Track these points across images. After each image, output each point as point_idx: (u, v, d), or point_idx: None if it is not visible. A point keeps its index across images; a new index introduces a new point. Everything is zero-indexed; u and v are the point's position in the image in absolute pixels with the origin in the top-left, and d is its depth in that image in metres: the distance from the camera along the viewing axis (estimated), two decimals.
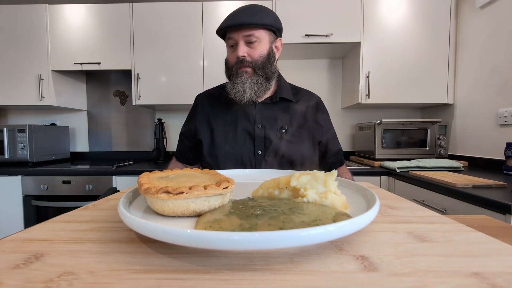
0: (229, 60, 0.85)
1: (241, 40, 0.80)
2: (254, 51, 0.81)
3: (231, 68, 0.84)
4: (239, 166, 0.85)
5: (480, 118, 1.59)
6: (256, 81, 0.82)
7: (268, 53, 0.84)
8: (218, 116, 0.90)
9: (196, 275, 0.22)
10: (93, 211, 0.40)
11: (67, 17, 1.88)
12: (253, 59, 0.81)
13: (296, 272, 0.22)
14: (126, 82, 2.22)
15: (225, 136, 0.87)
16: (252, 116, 0.88)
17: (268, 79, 0.85)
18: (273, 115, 0.88)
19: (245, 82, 0.81)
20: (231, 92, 0.84)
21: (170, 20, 1.85)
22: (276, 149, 0.85)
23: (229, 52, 0.86)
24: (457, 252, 0.25)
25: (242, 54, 0.80)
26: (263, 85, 0.84)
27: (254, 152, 0.86)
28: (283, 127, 0.87)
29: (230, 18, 0.80)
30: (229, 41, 0.83)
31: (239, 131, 0.87)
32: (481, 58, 1.59)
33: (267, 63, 0.83)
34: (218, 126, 0.89)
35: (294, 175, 0.38)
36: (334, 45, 1.85)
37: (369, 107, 2.10)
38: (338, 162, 0.97)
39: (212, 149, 0.88)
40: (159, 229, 0.23)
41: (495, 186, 1.05)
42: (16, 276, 0.21)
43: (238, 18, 0.78)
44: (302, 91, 0.98)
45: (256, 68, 0.82)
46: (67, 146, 2.18)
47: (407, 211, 0.39)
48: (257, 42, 0.81)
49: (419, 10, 1.75)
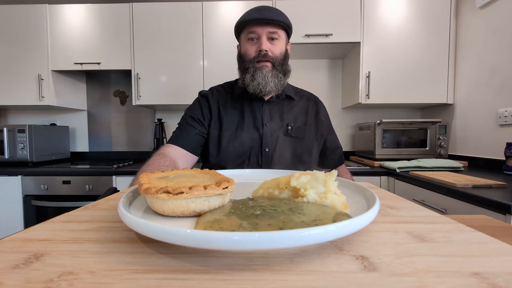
0: (247, 53, 0.86)
1: (265, 35, 0.83)
2: (275, 48, 0.85)
3: (249, 61, 0.85)
4: (246, 163, 0.86)
5: (480, 118, 1.59)
6: (276, 75, 0.85)
7: (285, 52, 0.89)
8: (227, 112, 0.91)
9: (196, 275, 0.22)
10: (93, 211, 0.40)
11: (67, 17, 1.88)
12: (274, 54, 0.84)
13: (296, 272, 0.22)
14: (126, 82, 2.22)
15: (234, 133, 0.88)
16: (260, 113, 0.90)
17: (285, 75, 0.88)
18: (278, 112, 0.91)
19: (266, 76, 0.83)
20: (250, 84, 0.85)
21: (170, 20, 1.85)
22: (283, 146, 0.87)
23: (247, 45, 0.86)
24: (457, 252, 0.25)
25: (266, 48, 0.83)
26: (282, 80, 0.87)
27: (262, 149, 0.87)
28: (289, 124, 0.89)
29: (257, 12, 0.82)
30: (251, 34, 0.84)
31: (247, 129, 0.88)
32: (481, 58, 1.59)
33: (284, 61, 0.88)
34: (227, 122, 0.89)
35: (294, 175, 0.38)
36: (334, 45, 1.85)
37: (369, 107, 2.10)
38: (338, 159, 0.99)
39: (220, 146, 0.87)
40: (159, 229, 0.23)
41: (495, 186, 1.05)
42: (16, 276, 0.21)
43: (267, 14, 0.81)
44: (301, 91, 1.02)
45: (276, 64, 0.85)
46: (67, 146, 2.18)
47: (407, 211, 0.39)
48: (278, 40, 0.85)
49: (419, 10, 1.75)
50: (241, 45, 0.90)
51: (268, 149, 0.87)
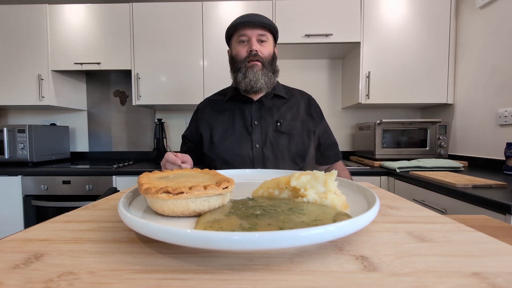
0: (239, 54, 0.92)
1: (255, 37, 0.90)
2: (264, 49, 0.92)
3: (241, 61, 0.91)
4: (238, 160, 0.90)
5: (480, 118, 1.59)
6: (266, 73, 0.91)
7: (273, 53, 0.95)
8: (217, 117, 0.97)
9: (196, 275, 0.22)
10: (93, 211, 0.40)
11: (67, 17, 1.88)
12: (263, 55, 0.91)
13: (296, 272, 0.22)
14: (126, 82, 2.22)
15: (224, 133, 0.94)
16: (249, 113, 0.95)
17: (274, 74, 0.95)
18: (268, 111, 0.95)
19: (257, 73, 0.89)
20: (242, 81, 0.90)
21: (170, 20, 1.85)
22: (272, 142, 0.91)
23: (239, 47, 0.92)
24: (457, 252, 0.25)
25: (256, 48, 0.89)
26: (271, 78, 0.93)
27: (252, 146, 0.91)
28: (278, 120, 0.93)
29: (246, 16, 0.90)
30: (242, 37, 0.91)
31: (237, 128, 0.94)
32: (481, 58, 1.59)
33: (273, 61, 0.94)
34: (217, 125, 0.95)
35: (294, 175, 0.38)
36: (334, 45, 1.85)
37: (369, 107, 2.10)
38: (334, 154, 1.00)
39: (212, 145, 0.93)
40: (159, 229, 0.23)
41: (495, 186, 1.05)
42: (16, 276, 0.21)
43: (256, 18, 0.89)
44: (294, 90, 1.04)
45: (265, 64, 0.91)
46: (67, 146, 2.18)
47: (407, 211, 0.39)
48: (267, 42, 0.92)
49: (419, 10, 1.75)
50: (232, 48, 0.96)
51: (258, 145, 0.91)
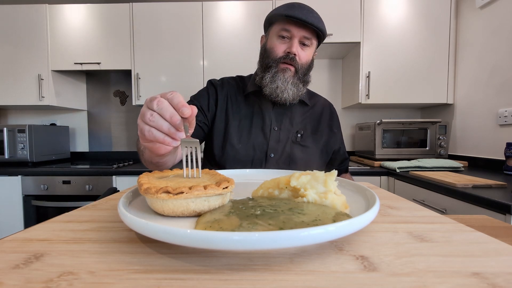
0: (274, 50, 0.79)
1: (298, 38, 0.77)
2: (304, 54, 0.79)
3: (274, 60, 0.79)
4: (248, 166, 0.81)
5: (480, 118, 1.59)
6: (296, 84, 0.79)
7: (311, 61, 0.83)
8: (235, 109, 0.85)
9: (196, 275, 0.22)
10: (93, 211, 0.40)
11: (67, 17, 1.88)
12: (300, 61, 0.79)
13: (296, 272, 0.22)
14: (126, 82, 2.22)
15: (239, 134, 0.83)
16: (269, 117, 0.84)
17: (304, 86, 0.82)
18: (290, 118, 0.86)
19: (287, 81, 0.78)
20: (268, 85, 0.79)
21: (170, 20, 1.85)
22: (289, 154, 0.82)
23: (276, 41, 0.79)
24: (457, 252, 0.25)
25: (295, 52, 0.77)
26: (300, 90, 0.81)
27: (267, 155, 0.82)
28: (299, 131, 0.85)
29: (299, 10, 0.74)
30: (284, 32, 0.77)
31: (254, 131, 0.83)
32: (481, 58, 1.59)
33: (308, 70, 0.82)
34: (234, 120, 0.84)
35: (294, 175, 0.38)
36: (334, 45, 1.85)
37: (369, 107, 2.10)
38: (344, 170, 0.96)
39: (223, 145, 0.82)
40: (159, 229, 0.23)
41: (495, 186, 1.04)
42: (16, 276, 0.21)
43: (309, 17, 0.74)
44: (317, 96, 0.97)
45: (300, 71, 0.79)
46: (67, 146, 2.18)
47: (407, 211, 0.39)
48: (309, 47, 0.79)
49: (419, 10, 1.75)
50: (269, 39, 0.82)
51: (273, 155, 0.82)
